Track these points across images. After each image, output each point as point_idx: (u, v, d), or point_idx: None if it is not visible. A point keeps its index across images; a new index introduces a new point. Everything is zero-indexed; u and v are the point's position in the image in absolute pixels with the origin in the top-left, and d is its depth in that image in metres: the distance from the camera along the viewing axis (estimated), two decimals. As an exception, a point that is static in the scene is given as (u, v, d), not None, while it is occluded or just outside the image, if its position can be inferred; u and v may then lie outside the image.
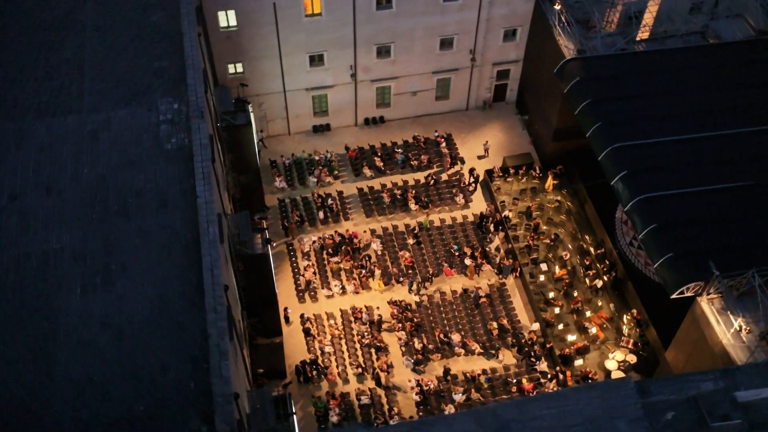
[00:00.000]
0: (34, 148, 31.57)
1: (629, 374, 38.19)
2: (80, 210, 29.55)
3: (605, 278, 41.67)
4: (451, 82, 48.79)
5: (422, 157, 47.64)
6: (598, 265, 42.24)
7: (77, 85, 34.22)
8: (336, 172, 46.75)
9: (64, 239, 28.69)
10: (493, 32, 46.39)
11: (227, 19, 41.74)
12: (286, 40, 43.33)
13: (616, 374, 38.21)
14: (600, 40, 41.63)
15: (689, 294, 32.29)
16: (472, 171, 46.77)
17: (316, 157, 47.28)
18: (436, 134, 49.00)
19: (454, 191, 46.16)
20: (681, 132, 37.49)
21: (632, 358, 38.73)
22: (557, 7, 42.45)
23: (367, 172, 46.88)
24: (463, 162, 47.35)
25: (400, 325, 39.97)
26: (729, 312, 30.76)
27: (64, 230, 28.93)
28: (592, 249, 43.02)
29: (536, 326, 40.59)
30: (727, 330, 30.56)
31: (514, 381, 38.30)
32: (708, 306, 31.76)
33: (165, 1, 38.09)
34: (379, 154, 47.67)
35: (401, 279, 42.02)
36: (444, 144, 48.43)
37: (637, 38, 42.67)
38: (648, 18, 42.92)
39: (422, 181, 46.79)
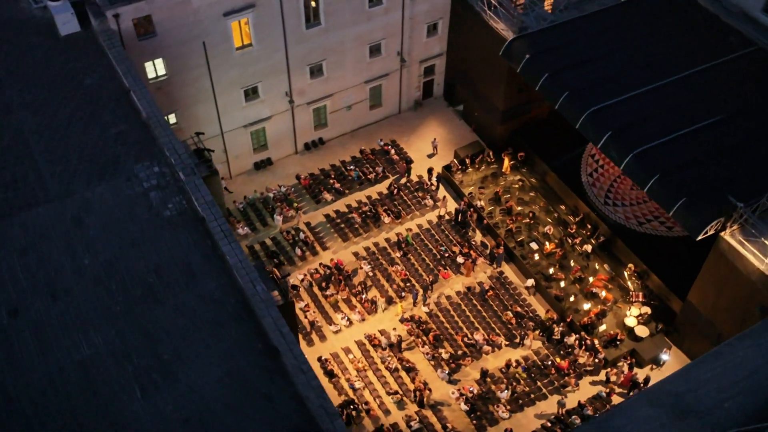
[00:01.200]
0: (15, 251, 27.37)
1: (651, 325, 38.97)
2: (99, 306, 26.01)
3: (593, 241, 42.33)
4: (382, 88, 47.80)
5: (376, 168, 46.31)
6: (582, 231, 42.81)
7: (33, 172, 30.11)
8: (296, 205, 44.40)
9: (96, 342, 25.17)
10: (417, 29, 45.90)
11: (155, 69, 38.38)
12: (219, 79, 40.54)
13: (639, 330, 38.85)
14: (532, 16, 42.12)
15: (711, 232, 33.22)
16: (430, 171, 46.04)
17: (270, 194, 44.69)
18: (382, 143, 47.86)
19: (420, 195, 45.22)
20: (641, 84, 38.58)
21: (647, 310, 39.54)
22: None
23: (327, 196, 44.88)
24: (411, 161, 46.53)
25: (420, 339, 38.51)
26: (762, 238, 31.88)
27: (92, 333, 25.41)
28: (570, 217, 43.59)
29: (531, 282, 40.88)
30: (764, 256, 31.69)
31: (549, 363, 38.06)
32: (733, 239, 32.84)
33: (92, 62, 34.44)
34: (333, 176, 45.83)
35: (403, 294, 40.53)
36: (393, 151, 47.36)
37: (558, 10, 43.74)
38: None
39: (385, 192, 45.46)
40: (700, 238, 33.28)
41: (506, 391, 36.65)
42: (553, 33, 41.57)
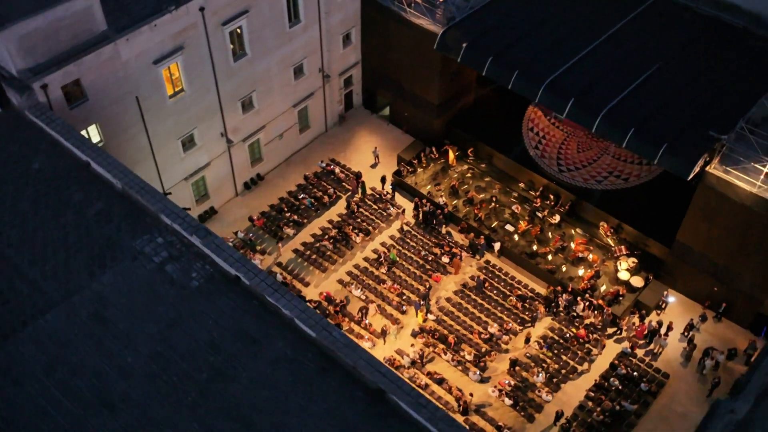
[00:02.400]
0: (40, 371, 23.46)
1: (643, 273, 40.10)
2: (168, 403, 22.84)
3: (560, 210, 42.98)
4: (308, 109, 45.92)
5: (327, 191, 44.40)
6: (546, 203, 43.34)
7: (20, 278, 25.99)
8: (259, 248, 41.58)
9: (185, 441, 21.92)
10: (333, 42, 44.46)
11: (89, 137, 34.32)
12: (156, 133, 37.05)
13: (635, 281, 39.87)
14: (451, 5, 41.99)
15: (697, 170, 34.61)
16: (383, 179, 44.81)
17: (229, 244, 41.46)
18: (323, 164, 45.99)
19: (380, 206, 43.88)
20: (579, 49, 39.62)
21: (634, 260, 40.68)
22: (402, -10, 42.01)
23: (288, 231, 42.39)
24: (360, 176, 45.07)
25: (442, 347, 37.29)
26: (752, 162, 33.58)
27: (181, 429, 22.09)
28: (531, 193, 44.01)
29: (498, 245, 41.29)
30: (755, 179, 33.42)
31: (568, 335, 38.17)
32: (719, 170, 34.40)
33: (31, 143, 30.30)
34: (285, 209, 43.39)
35: (404, 309, 39.07)
36: (337, 169, 45.62)
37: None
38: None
39: (345, 212, 43.67)
40: (690, 177, 34.65)
41: (541, 374, 36.33)
42: (480, 17, 41.71)
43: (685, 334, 38.23)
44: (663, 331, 37.93)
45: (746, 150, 34.09)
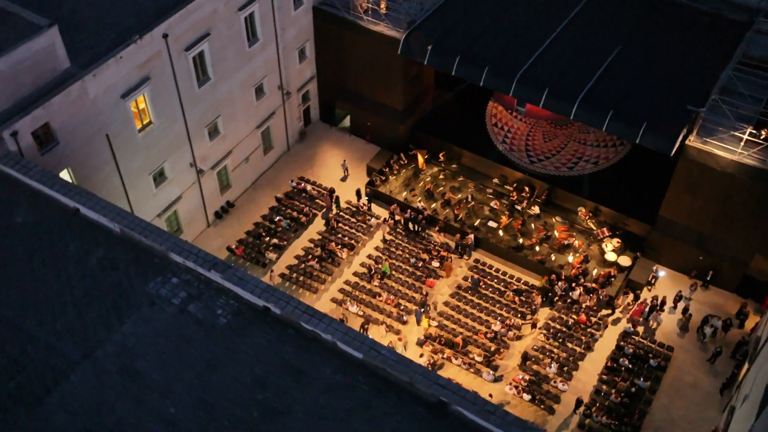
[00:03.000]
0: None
1: (629, 253, 40.76)
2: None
3: (538, 201, 43.26)
4: (271, 129, 44.67)
5: (303, 210, 43.25)
6: (522, 195, 43.53)
7: (30, 343, 23.99)
8: (243, 277, 40.02)
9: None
10: (290, 58, 43.43)
11: (61, 182, 32.22)
12: (128, 171, 35.14)
13: (623, 260, 40.51)
14: (412, 9, 41.66)
15: (678, 145, 35.44)
16: (358, 192, 44.00)
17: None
18: (294, 183, 44.80)
19: (359, 219, 43.06)
20: (542, 38, 40.22)
21: (618, 241, 41.32)
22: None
23: (270, 256, 41.02)
24: (333, 191, 44.13)
25: (450, 352, 36.77)
26: (729, 131, 34.57)
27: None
28: (507, 187, 44.13)
29: (471, 237, 41.33)
30: (735, 147, 34.44)
31: (570, 322, 38.36)
32: (698, 143, 35.29)
33: (8, 196, 28.14)
34: (263, 234, 42.00)
35: (405, 319, 38.38)
36: (309, 187, 44.53)
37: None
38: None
39: (325, 229, 42.63)
40: (673, 153, 35.45)
41: (552, 365, 36.34)
42: (439, 17, 41.61)
43: (674, 306, 39.02)
44: (657, 306, 38.61)
45: (721, 120, 35.18)
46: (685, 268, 40.23)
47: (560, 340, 37.73)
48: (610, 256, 40.83)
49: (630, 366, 36.49)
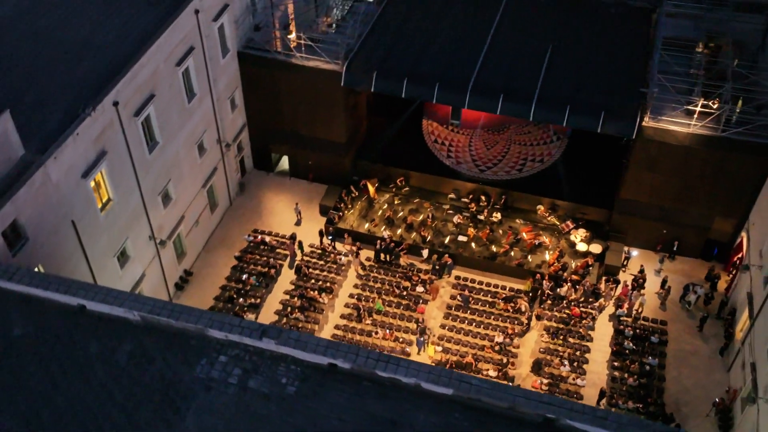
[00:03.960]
0: None
1: (600, 243, 41.78)
2: None
3: (497, 207, 43.54)
4: (214, 186, 42.27)
5: (269, 262, 41.13)
6: (481, 205, 43.67)
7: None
8: (227, 345, 37.35)
9: None
10: (224, 109, 41.38)
11: (31, 282, 28.68)
12: (94, 256, 31.85)
13: (594, 248, 41.54)
14: (336, 38, 40.90)
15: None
16: (321, 232, 42.42)
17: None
18: (250, 237, 42.51)
19: (328, 260, 41.51)
20: (479, 46, 40.86)
21: (583, 231, 42.32)
22: (292, 36, 40.01)
23: (249, 317, 38.59)
24: (295, 237, 42.33)
25: (463, 373, 35.91)
26: (682, 107, 36.33)
27: None
28: (465, 200, 44.11)
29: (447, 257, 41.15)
30: (689, 120, 36.22)
31: (566, 317, 38.69)
32: (652, 122, 36.81)
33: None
34: (234, 296, 39.46)
35: (407, 351, 37.20)
36: (267, 238, 42.41)
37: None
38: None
39: (296, 277, 40.70)
40: (635, 136, 36.83)
41: (566, 363, 36.46)
42: (372, 42, 41.13)
43: (641, 281, 40.15)
44: (638, 285, 39.82)
45: (666, 97, 36.97)
46: (650, 243, 41.80)
47: (561, 338, 37.98)
48: (581, 247, 41.76)
49: (634, 347, 37.29)
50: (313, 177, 45.95)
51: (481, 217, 43.17)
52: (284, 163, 47.27)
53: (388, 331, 38.00)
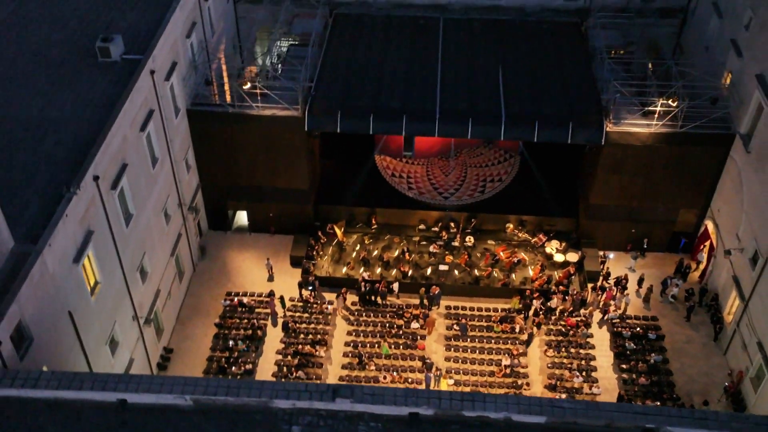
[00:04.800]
0: None
1: (576, 252, 42.46)
2: None
3: (468, 231, 43.49)
4: (180, 253, 39.77)
5: (253, 323, 38.99)
6: (451, 231, 43.48)
7: None
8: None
9: None
10: (181, 170, 39.18)
11: (35, 387, 25.61)
12: (89, 346, 28.83)
13: (570, 257, 42.19)
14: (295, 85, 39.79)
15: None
16: (300, 284, 40.72)
17: None
18: (226, 302, 40.19)
19: (313, 311, 39.87)
20: (433, 75, 40.89)
21: (557, 242, 42.95)
22: (246, 86, 38.45)
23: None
24: (273, 293, 40.41)
25: (485, 403, 35.27)
26: (644, 108, 37.78)
27: None
28: (435, 229, 43.76)
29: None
30: (649, 121, 37.68)
31: (564, 329, 38.89)
32: (615, 127, 38.01)
33: (17, 420, 21.93)
34: (225, 366, 37.04)
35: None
36: (245, 299, 40.25)
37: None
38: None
39: (284, 335, 38.77)
40: (603, 142, 37.89)
41: (578, 375, 36.55)
42: (326, 82, 40.30)
43: (624, 282, 41.18)
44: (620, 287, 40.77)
45: (623, 101, 38.45)
46: (620, 244, 42.96)
47: (563, 349, 38.12)
48: (558, 258, 42.33)
49: (635, 347, 37.95)
50: (275, 230, 44.25)
51: (455, 244, 42.96)
52: (240, 219, 45.32)
53: (395, 373, 36.84)
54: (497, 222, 43.99)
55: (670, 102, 37.27)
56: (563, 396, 35.78)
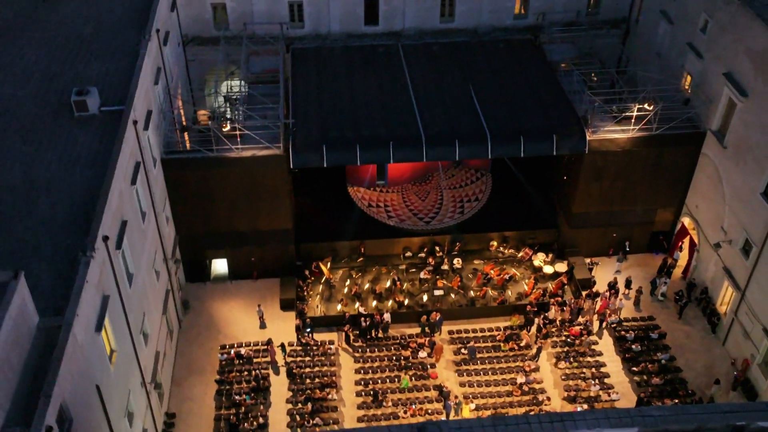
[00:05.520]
0: None
1: (562, 262, 42.87)
2: None
3: (453, 254, 43.18)
4: (168, 310, 37.45)
5: (255, 374, 37.08)
6: (438, 256, 43.07)
7: None
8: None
9: None
10: (161, 223, 36.97)
11: (73, 474, 23.26)
12: (114, 421, 26.54)
13: (559, 267, 42.63)
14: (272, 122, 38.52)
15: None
16: (298, 327, 39.16)
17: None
18: (224, 356, 38.11)
19: (315, 354, 38.40)
20: (406, 102, 40.67)
21: (542, 255, 43.28)
22: (226, 129, 36.89)
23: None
24: (270, 342, 38.67)
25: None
26: (621, 114, 38.77)
27: None
28: (421, 255, 43.20)
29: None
30: (626, 126, 38.73)
31: (569, 340, 39.03)
32: (594, 135, 38.84)
33: None
34: (236, 421, 34.96)
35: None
36: (242, 350, 38.30)
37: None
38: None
39: (289, 380, 37.05)
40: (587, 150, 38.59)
41: (594, 385, 36.67)
42: (302, 116, 39.22)
43: (616, 286, 41.92)
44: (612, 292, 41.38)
45: (599, 109, 39.41)
46: (603, 249, 43.76)
47: (571, 359, 38.25)
48: (548, 269, 42.63)
49: (641, 348, 38.51)
50: (257, 274, 42.54)
51: (445, 267, 42.57)
52: (217, 268, 43.26)
53: (413, 406, 35.85)
54: (480, 241, 43.95)
55: (646, 106, 38.37)
56: (584, 406, 35.80)
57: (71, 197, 27.90)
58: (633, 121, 38.89)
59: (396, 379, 37.28)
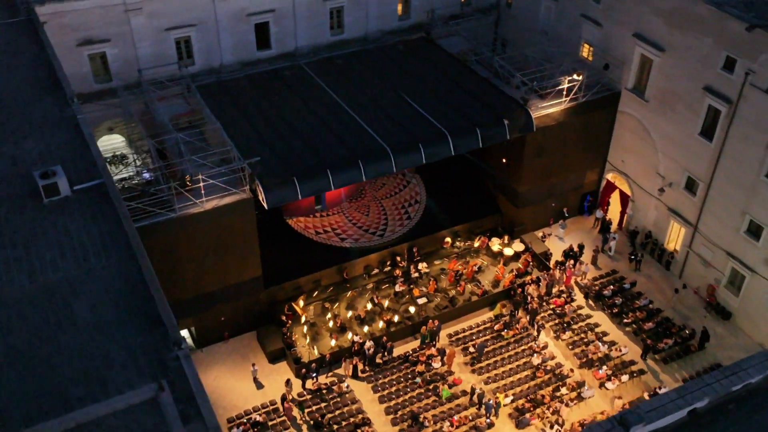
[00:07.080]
0: None
1: (518, 241, 44.07)
2: None
3: (416, 260, 42.70)
4: (165, 397, 33.07)
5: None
6: (401, 265, 42.29)
7: None
8: None
9: None
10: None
11: None
12: None
13: (517, 247, 43.80)
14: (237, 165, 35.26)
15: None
16: (304, 376, 36.38)
17: None
18: (240, 429, 34.36)
19: (330, 397, 36.01)
20: (353, 122, 39.27)
21: (497, 239, 44.20)
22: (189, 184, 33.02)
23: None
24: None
25: (540, 410, 35.24)
26: (554, 90, 40.59)
27: None
28: (386, 269, 42.11)
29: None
30: (558, 99, 40.69)
31: (557, 310, 40.32)
32: (534, 112, 40.38)
33: None
34: (284, 492, 31.94)
35: (489, 422, 34.73)
36: (253, 416, 34.78)
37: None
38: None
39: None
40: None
41: (602, 344, 38.24)
42: (249, 152, 36.16)
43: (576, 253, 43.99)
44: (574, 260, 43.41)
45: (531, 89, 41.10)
46: (545, 221, 45.69)
47: (566, 325, 39.59)
48: (508, 251, 43.64)
49: (622, 300, 40.82)
50: (229, 335, 38.97)
51: (415, 275, 41.96)
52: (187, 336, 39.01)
53: (454, 418, 35.04)
54: (434, 241, 43.88)
55: (575, 76, 40.54)
56: (604, 367, 37.25)
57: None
58: (564, 92, 40.94)
59: (423, 397, 36.22)
